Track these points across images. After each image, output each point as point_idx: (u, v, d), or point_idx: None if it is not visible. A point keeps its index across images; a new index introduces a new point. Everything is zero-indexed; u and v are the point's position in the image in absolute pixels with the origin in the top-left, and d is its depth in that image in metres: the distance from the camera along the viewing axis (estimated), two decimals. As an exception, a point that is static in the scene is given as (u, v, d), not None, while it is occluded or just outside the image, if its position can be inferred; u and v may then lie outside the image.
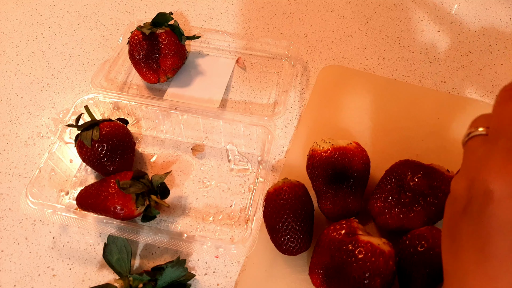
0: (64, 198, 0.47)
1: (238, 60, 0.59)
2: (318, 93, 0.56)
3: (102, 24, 0.65)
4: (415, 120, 0.53)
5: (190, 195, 0.48)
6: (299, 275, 0.42)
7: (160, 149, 0.51)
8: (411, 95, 0.56)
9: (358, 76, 0.58)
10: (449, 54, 0.61)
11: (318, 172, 0.41)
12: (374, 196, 0.42)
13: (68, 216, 0.42)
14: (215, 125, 0.52)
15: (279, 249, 0.40)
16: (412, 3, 0.68)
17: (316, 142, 0.43)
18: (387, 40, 0.63)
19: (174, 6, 0.67)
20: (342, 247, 0.36)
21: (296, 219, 0.39)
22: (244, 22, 0.65)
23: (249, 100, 0.56)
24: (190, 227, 0.46)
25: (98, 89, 0.52)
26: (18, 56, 0.61)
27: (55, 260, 0.44)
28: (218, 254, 0.42)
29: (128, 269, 0.41)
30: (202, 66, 0.59)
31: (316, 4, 0.68)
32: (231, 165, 0.50)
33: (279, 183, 0.41)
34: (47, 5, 0.67)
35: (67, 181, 0.48)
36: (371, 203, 0.42)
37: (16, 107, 0.55)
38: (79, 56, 0.61)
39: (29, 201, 0.43)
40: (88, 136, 0.44)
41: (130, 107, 0.52)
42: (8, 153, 0.51)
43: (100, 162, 0.45)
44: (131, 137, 0.48)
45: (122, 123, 0.48)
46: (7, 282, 0.43)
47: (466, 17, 0.66)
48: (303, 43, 0.62)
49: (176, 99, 0.55)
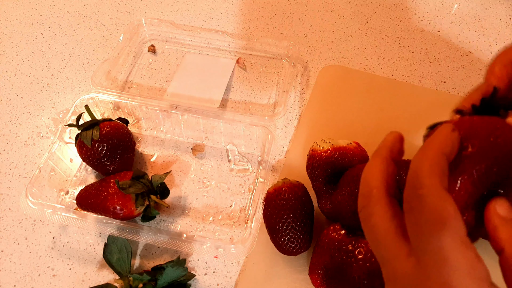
0: (64, 198, 0.47)
1: (239, 60, 0.59)
2: (318, 93, 0.56)
3: (102, 24, 0.65)
4: (415, 120, 0.53)
5: (190, 195, 0.48)
6: (299, 275, 0.42)
7: (160, 149, 0.51)
8: (411, 95, 0.56)
9: (358, 76, 0.58)
10: (449, 54, 0.61)
11: (318, 172, 0.41)
12: None
13: (68, 216, 0.42)
14: (215, 125, 0.51)
15: (279, 249, 0.40)
16: (412, 3, 0.68)
17: (316, 142, 0.43)
18: (387, 40, 0.63)
19: (174, 6, 0.67)
20: (342, 247, 0.36)
21: (296, 219, 0.39)
22: (244, 22, 0.65)
23: (249, 100, 0.56)
24: (189, 227, 0.46)
25: (98, 88, 0.52)
26: (18, 56, 0.61)
27: (55, 260, 0.44)
28: (217, 254, 0.42)
29: (128, 269, 0.41)
30: (202, 66, 0.59)
31: (316, 4, 0.68)
32: (231, 165, 0.50)
33: (279, 183, 0.41)
34: (47, 5, 0.67)
35: (67, 181, 0.48)
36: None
37: (16, 107, 0.55)
38: (79, 56, 0.61)
39: (29, 201, 0.43)
40: (88, 136, 0.44)
41: (130, 107, 0.52)
42: (8, 153, 0.51)
43: (100, 162, 0.45)
44: (131, 137, 0.48)
45: (122, 123, 0.48)
46: (7, 282, 0.43)
47: (466, 17, 0.66)
48: (303, 43, 0.62)
49: (176, 99, 0.55)
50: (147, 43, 0.62)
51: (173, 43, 0.62)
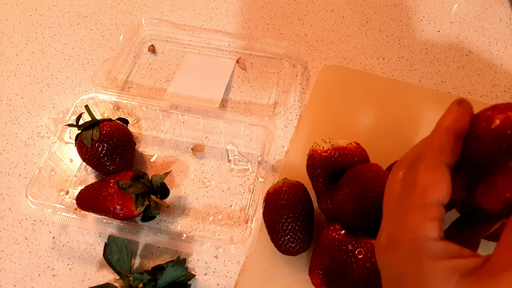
0: (64, 198, 0.47)
1: (239, 60, 0.59)
2: (318, 93, 0.56)
3: (102, 24, 0.65)
4: (415, 120, 0.53)
5: (190, 195, 0.48)
6: (299, 275, 0.42)
7: (160, 149, 0.51)
8: (411, 95, 0.56)
9: (358, 76, 0.58)
10: (449, 54, 0.61)
11: (318, 172, 0.41)
12: None
13: (68, 216, 0.42)
14: (215, 125, 0.52)
15: (279, 249, 0.40)
16: (412, 3, 0.68)
17: (316, 142, 0.43)
18: (387, 40, 0.63)
19: (174, 6, 0.67)
20: (342, 247, 0.36)
21: (296, 219, 0.39)
22: (244, 22, 0.65)
23: (249, 100, 0.56)
24: (189, 227, 0.46)
25: (98, 88, 0.52)
26: (18, 56, 0.61)
27: (55, 260, 0.44)
28: (217, 254, 0.42)
29: (129, 268, 0.41)
30: (202, 66, 0.59)
31: (316, 4, 0.68)
32: (231, 165, 0.50)
33: (279, 183, 0.41)
34: (47, 5, 0.67)
35: (67, 181, 0.48)
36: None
37: (16, 107, 0.55)
38: (79, 56, 0.61)
39: (29, 201, 0.43)
40: (88, 136, 0.44)
41: (130, 106, 0.52)
42: (8, 153, 0.51)
43: (100, 162, 0.45)
44: (131, 137, 0.48)
45: (122, 123, 0.48)
46: (7, 282, 0.43)
47: (466, 17, 0.66)
48: (303, 43, 0.62)
49: (176, 99, 0.55)
50: (147, 43, 0.62)
51: (173, 43, 0.62)
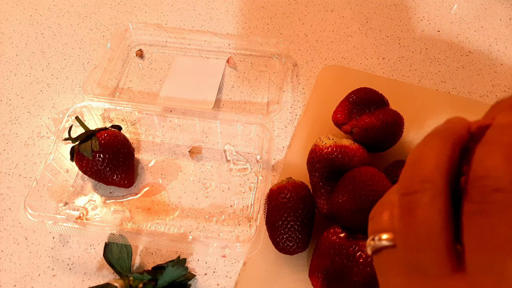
0: (63, 209, 0.46)
1: (229, 60, 0.59)
2: (318, 93, 0.56)
3: (102, 24, 0.65)
4: (415, 120, 0.53)
5: (191, 197, 0.48)
6: (299, 275, 0.42)
7: (157, 154, 0.51)
8: (411, 95, 0.56)
9: (358, 76, 0.58)
10: (449, 54, 0.61)
11: (317, 166, 0.41)
12: None
13: (69, 227, 0.41)
14: (211, 126, 0.51)
15: (276, 247, 0.40)
16: (412, 3, 0.68)
17: (320, 138, 0.43)
18: (387, 40, 0.63)
19: (174, 6, 0.67)
20: (342, 251, 0.35)
21: (297, 218, 0.39)
22: (244, 22, 0.65)
23: (243, 99, 0.56)
24: (192, 228, 0.46)
25: (90, 96, 0.51)
26: (18, 56, 0.61)
27: (55, 260, 0.44)
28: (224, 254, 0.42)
29: (129, 268, 0.41)
30: (193, 68, 0.58)
31: (316, 4, 0.68)
32: (230, 165, 0.50)
33: (283, 181, 0.41)
34: (47, 5, 0.67)
35: (64, 192, 0.47)
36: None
37: (16, 107, 0.55)
38: (79, 56, 0.61)
39: (28, 213, 0.42)
40: (87, 148, 0.43)
41: (124, 113, 0.51)
42: (8, 153, 0.51)
43: (103, 172, 0.44)
44: (129, 143, 0.47)
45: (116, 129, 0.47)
46: (7, 282, 0.43)
47: (466, 17, 0.66)
48: (303, 43, 0.62)
49: (169, 102, 0.54)
50: (135, 48, 0.61)
51: (161, 46, 0.61)
